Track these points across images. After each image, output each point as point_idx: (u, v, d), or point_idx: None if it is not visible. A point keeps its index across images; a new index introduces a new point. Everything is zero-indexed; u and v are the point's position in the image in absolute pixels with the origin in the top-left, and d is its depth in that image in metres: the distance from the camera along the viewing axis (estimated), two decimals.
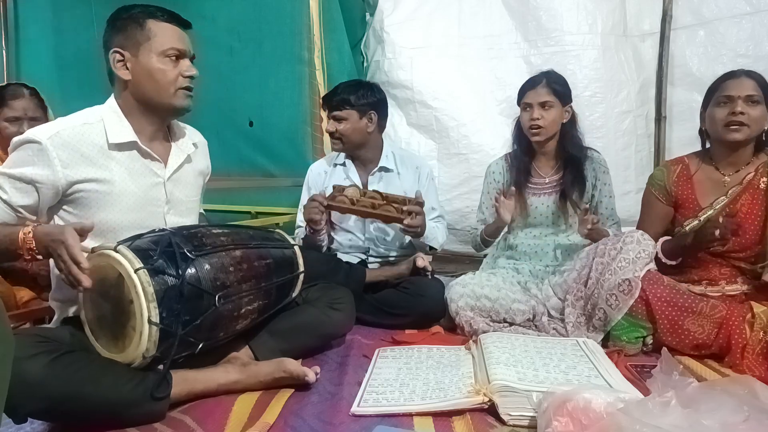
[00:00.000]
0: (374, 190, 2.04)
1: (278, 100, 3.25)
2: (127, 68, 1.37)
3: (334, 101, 2.11)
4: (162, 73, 1.36)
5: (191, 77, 1.41)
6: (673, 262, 1.75)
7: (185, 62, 1.40)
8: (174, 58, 1.38)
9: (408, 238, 2.11)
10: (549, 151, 2.03)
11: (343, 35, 3.19)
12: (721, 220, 1.61)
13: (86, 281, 1.11)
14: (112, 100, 1.42)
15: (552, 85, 1.94)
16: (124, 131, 1.37)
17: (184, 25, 1.42)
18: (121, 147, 1.37)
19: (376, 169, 2.18)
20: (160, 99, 1.39)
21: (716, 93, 1.72)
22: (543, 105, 1.92)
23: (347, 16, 3.22)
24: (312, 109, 3.17)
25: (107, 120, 1.36)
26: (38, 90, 2.04)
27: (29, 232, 1.19)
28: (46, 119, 2.03)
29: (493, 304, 1.83)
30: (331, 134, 2.15)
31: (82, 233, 1.15)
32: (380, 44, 3.22)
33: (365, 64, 3.39)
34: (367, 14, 3.38)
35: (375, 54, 3.28)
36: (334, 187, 2.07)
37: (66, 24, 3.82)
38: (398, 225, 1.96)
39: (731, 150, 1.73)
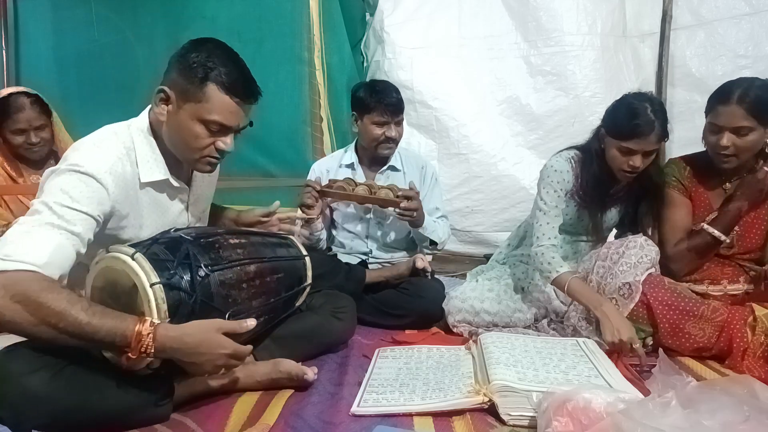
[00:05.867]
0: (367, 182, 2.05)
1: (278, 100, 3.24)
2: (167, 111, 1.26)
3: (399, 106, 2.09)
4: (194, 137, 1.25)
5: (223, 151, 1.29)
6: (727, 239, 1.66)
7: (227, 138, 1.28)
8: (215, 130, 1.26)
9: (411, 234, 2.11)
10: None
11: (343, 35, 3.19)
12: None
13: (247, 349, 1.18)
14: (144, 122, 1.30)
15: (661, 130, 1.63)
16: (158, 168, 1.29)
17: (248, 97, 1.30)
18: (153, 185, 1.30)
19: (386, 167, 2.17)
20: (181, 155, 1.31)
21: (709, 114, 1.66)
22: (647, 153, 1.66)
23: (347, 16, 3.21)
24: (312, 109, 3.17)
25: (140, 152, 1.27)
26: (39, 93, 2.04)
27: (149, 333, 1.03)
28: (50, 123, 2.03)
29: (492, 317, 1.82)
30: (393, 140, 2.10)
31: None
32: (380, 44, 3.22)
33: (365, 64, 3.39)
34: (367, 14, 3.39)
35: (375, 54, 3.28)
36: (330, 180, 2.09)
37: (66, 24, 3.80)
38: (395, 211, 1.96)
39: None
